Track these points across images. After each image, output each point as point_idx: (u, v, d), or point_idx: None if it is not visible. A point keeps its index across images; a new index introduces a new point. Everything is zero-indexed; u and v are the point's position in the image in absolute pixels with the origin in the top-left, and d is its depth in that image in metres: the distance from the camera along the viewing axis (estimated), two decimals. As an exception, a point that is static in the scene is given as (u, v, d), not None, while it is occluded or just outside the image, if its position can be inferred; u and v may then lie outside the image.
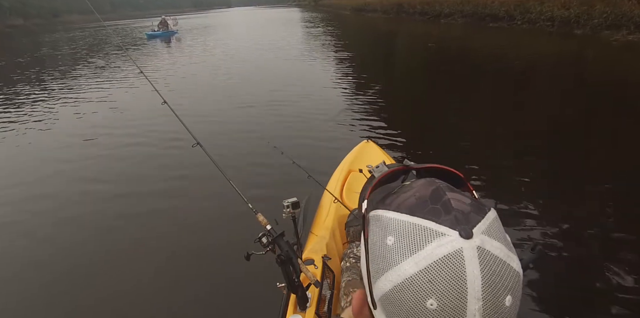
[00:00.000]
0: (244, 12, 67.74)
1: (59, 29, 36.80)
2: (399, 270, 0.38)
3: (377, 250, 0.41)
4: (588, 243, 2.75)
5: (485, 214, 0.40)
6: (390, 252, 0.39)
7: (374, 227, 0.43)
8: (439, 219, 0.38)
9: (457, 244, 0.36)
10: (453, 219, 0.38)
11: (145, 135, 5.44)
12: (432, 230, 0.38)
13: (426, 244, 0.37)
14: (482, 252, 0.36)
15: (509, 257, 0.38)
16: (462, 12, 18.77)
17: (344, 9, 40.66)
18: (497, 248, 0.38)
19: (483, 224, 0.38)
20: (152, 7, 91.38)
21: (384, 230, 0.41)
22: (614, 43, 10.35)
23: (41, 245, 3.13)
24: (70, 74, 11.47)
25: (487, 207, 0.41)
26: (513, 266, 0.38)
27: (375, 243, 0.42)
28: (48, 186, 4.15)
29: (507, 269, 0.38)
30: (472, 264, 0.36)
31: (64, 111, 7.22)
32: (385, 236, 0.41)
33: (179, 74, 10.21)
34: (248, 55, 13.02)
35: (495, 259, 0.37)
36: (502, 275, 0.37)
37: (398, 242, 0.39)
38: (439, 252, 0.36)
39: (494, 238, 0.38)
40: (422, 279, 0.36)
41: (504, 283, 0.37)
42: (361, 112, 5.99)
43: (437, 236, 0.37)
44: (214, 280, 2.55)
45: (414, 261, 0.37)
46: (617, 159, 3.99)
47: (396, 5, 26.28)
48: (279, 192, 3.17)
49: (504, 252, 0.38)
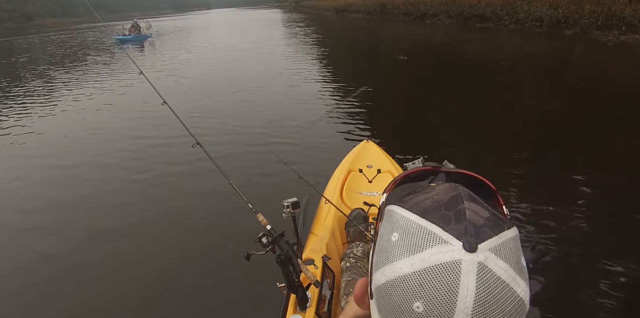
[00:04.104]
0: (224, 14, 67.21)
1: (32, 33, 35.71)
2: (395, 267, 0.38)
3: (382, 243, 0.42)
4: (587, 243, 2.70)
5: (501, 232, 0.38)
6: (392, 248, 0.40)
7: (386, 221, 0.43)
8: (446, 226, 0.37)
9: (457, 255, 0.35)
10: (462, 229, 0.37)
11: (145, 135, 5.48)
12: (437, 235, 0.37)
13: (427, 248, 0.37)
14: (483, 269, 0.35)
15: (514, 281, 0.36)
16: (448, 13, 18.57)
17: (326, 10, 40.37)
18: (502, 269, 0.36)
19: (494, 241, 0.37)
20: (129, 10, 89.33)
21: (392, 225, 0.41)
22: (608, 44, 10.15)
23: (41, 246, 3.10)
24: (63, 75, 11.34)
25: (507, 225, 0.39)
26: (517, 291, 0.36)
27: (382, 236, 0.42)
28: (47, 186, 4.15)
29: (509, 293, 0.36)
30: (469, 279, 0.35)
31: (63, 111, 7.25)
32: (392, 231, 0.41)
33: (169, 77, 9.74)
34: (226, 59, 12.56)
35: (496, 279, 0.35)
36: (501, 297, 0.35)
37: (401, 240, 0.39)
38: (437, 259, 0.36)
39: (502, 259, 0.36)
40: (414, 281, 0.36)
41: (500, 307, 0.35)
42: (361, 113, 5.97)
43: (439, 242, 0.37)
44: (213, 280, 2.53)
45: (410, 261, 0.37)
46: (611, 158, 4.02)
47: (379, 5, 26.03)
48: (279, 191, 3.22)
49: (509, 274, 0.36)
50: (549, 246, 2.63)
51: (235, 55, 13.47)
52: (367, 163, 2.69)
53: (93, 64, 13.42)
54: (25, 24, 52.94)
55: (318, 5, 46.76)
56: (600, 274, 2.37)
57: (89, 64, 13.51)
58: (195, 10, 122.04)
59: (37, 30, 41.86)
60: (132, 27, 20.83)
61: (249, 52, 13.72)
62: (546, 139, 4.68)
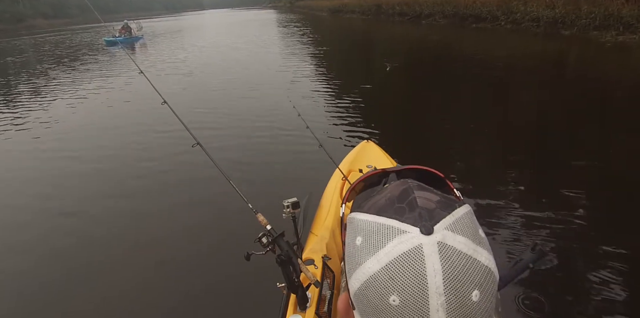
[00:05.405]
0: (218, 15, 67.07)
1: (24, 34, 35.40)
2: (364, 268, 0.38)
3: (350, 251, 0.42)
4: (587, 243, 2.68)
5: (452, 210, 0.40)
6: (358, 252, 0.40)
7: (349, 229, 0.44)
8: (402, 217, 0.38)
9: (417, 240, 0.36)
10: (416, 216, 0.38)
11: (145, 135, 5.49)
12: (395, 228, 0.38)
13: (388, 242, 0.38)
14: (444, 247, 0.36)
15: (475, 251, 0.38)
16: (443, 13, 18.51)
17: (321, 11, 40.22)
18: (462, 243, 0.37)
19: (448, 220, 0.38)
20: (123, 11, 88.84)
21: (354, 231, 0.42)
22: (606, 44, 10.08)
23: (42, 245, 3.10)
24: (61, 75, 11.39)
25: (457, 203, 0.41)
26: (481, 260, 0.38)
27: (349, 245, 0.43)
28: (46, 187, 4.16)
29: (473, 263, 0.37)
30: (432, 259, 0.36)
31: (61, 111, 7.27)
32: (355, 237, 0.41)
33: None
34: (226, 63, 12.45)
35: (458, 254, 0.37)
36: (467, 269, 0.36)
37: (365, 242, 0.40)
38: (399, 249, 0.37)
39: (459, 234, 0.38)
40: (384, 276, 0.37)
41: (469, 278, 0.36)
42: (361, 113, 5.96)
43: (398, 233, 0.38)
44: (213, 280, 2.53)
45: (376, 259, 0.38)
46: (610, 158, 3.99)
47: (374, 6, 25.95)
48: (279, 191, 3.23)
49: (469, 246, 0.37)
50: (549, 246, 2.63)
51: (233, 55, 13.39)
52: (367, 163, 2.65)
53: (89, 65, 13.38)
54: (16, 25, 52.44)
55: (313, 5, 46.58)
56: (600, 274, 2.35)
57: (85, 65, 13.45)
58: (189, 11, 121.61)
59: (28, 31, 41.60)
60: (123, 29, 20.27)
61: (247, 52, 13.64)
62: (544, 138, 4.66)
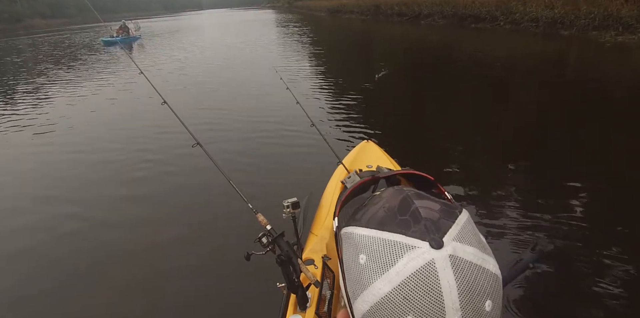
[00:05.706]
0: (217, 15, 66.86)
1: (22, 34, 35.31)
2: (374, 290, 0.37)
3: (352, 270, 0.40)
4: (587, 243, 2.67)
5: (456, 218, 0.39)
6: (363, 271, 0.38)
7: (347, 245, 0.42)
8: (408, 231, 0.37)
9: (428, 256, 0.35)
10: (423, 229, 0.37)
11: (145, 135, 5.50)
12: (402, 243, 0.36)
13: (398, 259, 0.36)
14: (455, 260, 0.35)
15: (484, 260, 0.37)
16: (442, 13, 18.49)
17: (319, 11, 40.14)
18: (471, 254, 0.36)
19: (454, 230, 0.37)
20: (121, 10, 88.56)
21: (355, 248, 0.40)
22: (606, 45, 10.06)
23: (43, 245, 3.10)
24: (60, 76, 11.41)
25: (457, 209, 0.40)
26: (489, 269, 0.37)
27: (349, 263, 0.41)
28: (45, 187, 4.16)
29: (484, 273, 0.36)
30: (446, 275, 0.35)
31: (61, 112, 7.23)
32: (357, 255, 0.39)
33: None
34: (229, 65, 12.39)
35: (469, 265, 0.36)
36: (479, 280, 0.36)
37: (370, 261, 0.38)
38: (411, 267, 0.35)
39: (467, 244, 0.37)
40: (398, 297, 0.35)
41: (482, 289, 0.36)
42: (361, 113, 5.97)
43: (407, 249, 0.36)
44: (213, 280, 2.53)
45: (387, 279, 0.36)
46: (610, 158, 4.01)
47: (373, 6, 25.91)
48: (279, 191, 3.22)
49: (478, 255, 0.37)
50: (549, 246, 2.61)
51: (233, 55, 13.38)
52: (367, 164, 2.63)
53: (88, 65, 13.38)
54: (14, 25, 52.27)
55: (311, 5, 46.50)
56: (600, 274, 2.35)
57: (84, 65, 13.45)
58: (187, 11, 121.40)
59: (26, 31, 41.45)
60: (120, 29, 20.14)
61: (247, 52, 13.63)
62: (544, 138, 4.67)
